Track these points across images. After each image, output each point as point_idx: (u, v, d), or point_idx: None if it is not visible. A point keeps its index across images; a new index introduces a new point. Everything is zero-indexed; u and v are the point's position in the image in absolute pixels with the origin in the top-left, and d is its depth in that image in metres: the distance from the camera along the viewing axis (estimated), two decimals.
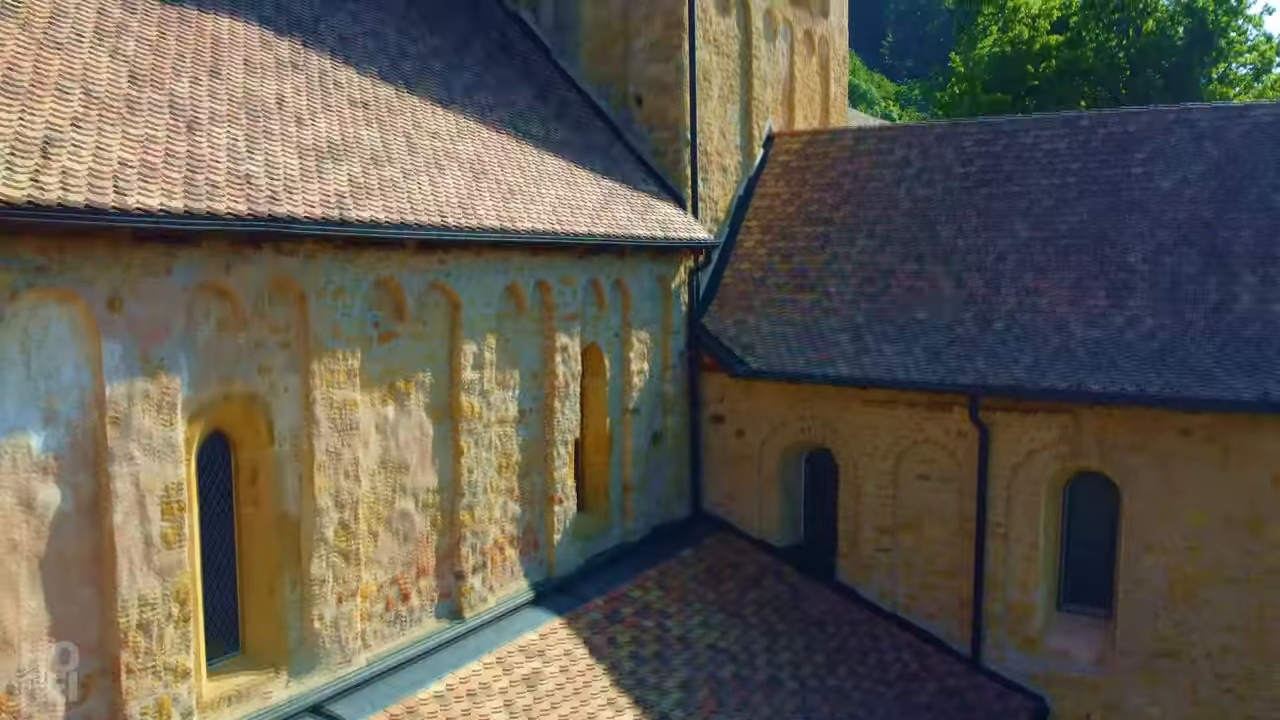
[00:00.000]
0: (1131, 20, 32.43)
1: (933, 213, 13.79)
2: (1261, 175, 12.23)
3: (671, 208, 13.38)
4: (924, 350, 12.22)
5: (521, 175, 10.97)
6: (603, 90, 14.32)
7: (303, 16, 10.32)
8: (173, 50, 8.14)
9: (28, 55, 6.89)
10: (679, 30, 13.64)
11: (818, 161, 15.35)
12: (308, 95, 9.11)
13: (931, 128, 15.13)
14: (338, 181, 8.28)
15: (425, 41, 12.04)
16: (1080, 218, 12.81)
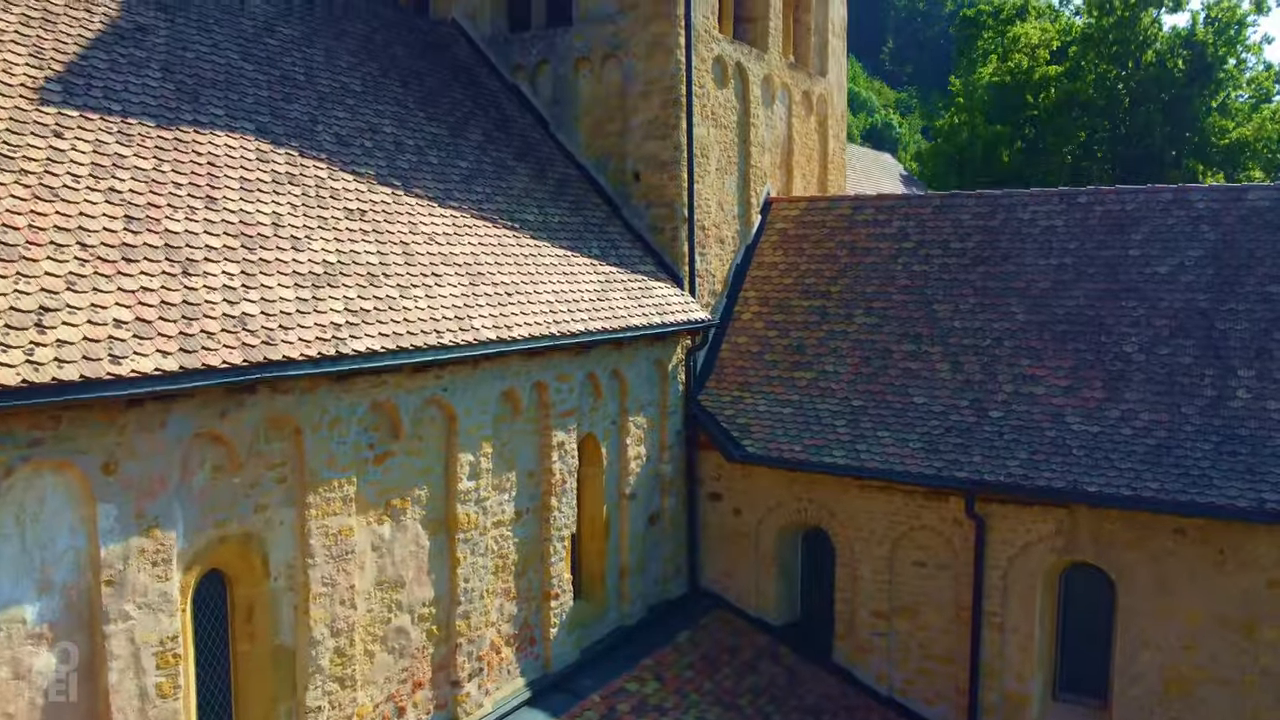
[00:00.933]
0: (1131, 52, 32.46)
1: (930, 289, 13.80)
2: (1259, 263, 12.24)
3: (669, 288, 13.40)
4: (921, 439, 12.22)
5: (518, 271, 10.98)
6: (601, 164, 14.33)
7: (299, 120, 10.32)
8: (169, 181, 8.14)
9: (24, 208, 6.90)
10: (676, 109, 13.65)
11: (815, 230, 15.36)
12: (304, 211, 9.12)
13: (928, 199, 15.14)
14: (333, 309, 8.29)
15: (423, 131, 12.04)
16: (1077, 301, 12.82)
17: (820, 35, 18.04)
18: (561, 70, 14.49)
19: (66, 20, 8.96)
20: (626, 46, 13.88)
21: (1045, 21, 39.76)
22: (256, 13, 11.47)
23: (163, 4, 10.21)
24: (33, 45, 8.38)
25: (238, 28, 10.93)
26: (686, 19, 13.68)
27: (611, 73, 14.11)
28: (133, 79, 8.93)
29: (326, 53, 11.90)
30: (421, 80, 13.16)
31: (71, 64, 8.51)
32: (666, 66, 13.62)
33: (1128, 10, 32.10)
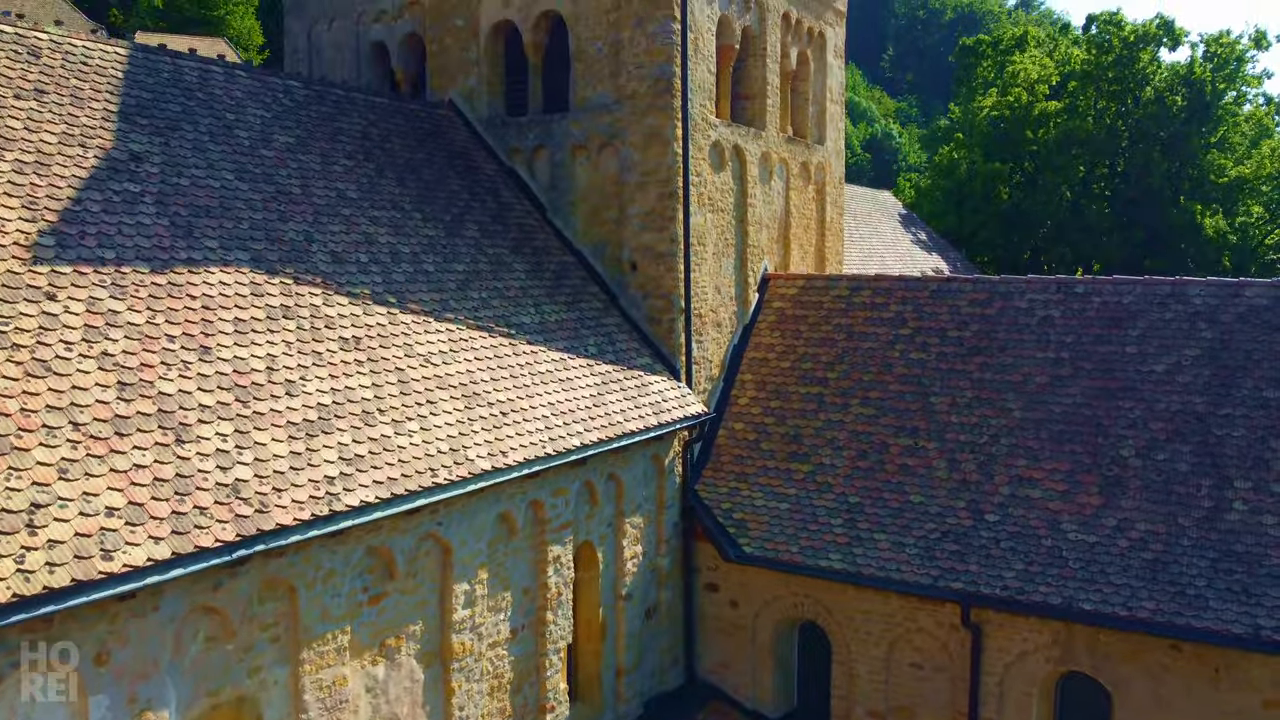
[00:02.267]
0: (1129, 90, 32.47)
1: (927, 379, 13.79)
2: (1256, 365, 12.23)
3: (666, 381, 13.39)
4: (917, 543, 12.21)
5: (514, 385, 10.97)
6: (598, 251, 14.32)
7: (295, 241, 10.31)
8: (162, 335, 8.13)
9: (15, 389, 6.88)
10: (673, 201, 13.64)
11: (813, 311, 15.35)
12: (298, 349, 9.11)
13: (926, 283, 15.12)
14: (326, 461, 8.28)
15: (419, 235, 12.03)
16: (1074, 399, 12.81)
17: (818, 104, 18.04)
18: (558, 157, 14.48)
19: (60, 160, 8.95)
20: (623, 136, 13.87)
21: (1044, 54, 39.77)
22: (253, 121, 11.45)
23: (157, 127, 10.20)
24: (26, 194, 8.37)
25: (233, 142, 10.92)
26: (684, 110, 13.67)
27: (608, 161, 14.10)
28: (126, 219, 8.92)
29: (323, 158, 11.89)
30: (418, 174, 13.15)
31: (65, 211, 8.50)
32: (663, 158, 13.61)
33: (1126, 49, 32.09)
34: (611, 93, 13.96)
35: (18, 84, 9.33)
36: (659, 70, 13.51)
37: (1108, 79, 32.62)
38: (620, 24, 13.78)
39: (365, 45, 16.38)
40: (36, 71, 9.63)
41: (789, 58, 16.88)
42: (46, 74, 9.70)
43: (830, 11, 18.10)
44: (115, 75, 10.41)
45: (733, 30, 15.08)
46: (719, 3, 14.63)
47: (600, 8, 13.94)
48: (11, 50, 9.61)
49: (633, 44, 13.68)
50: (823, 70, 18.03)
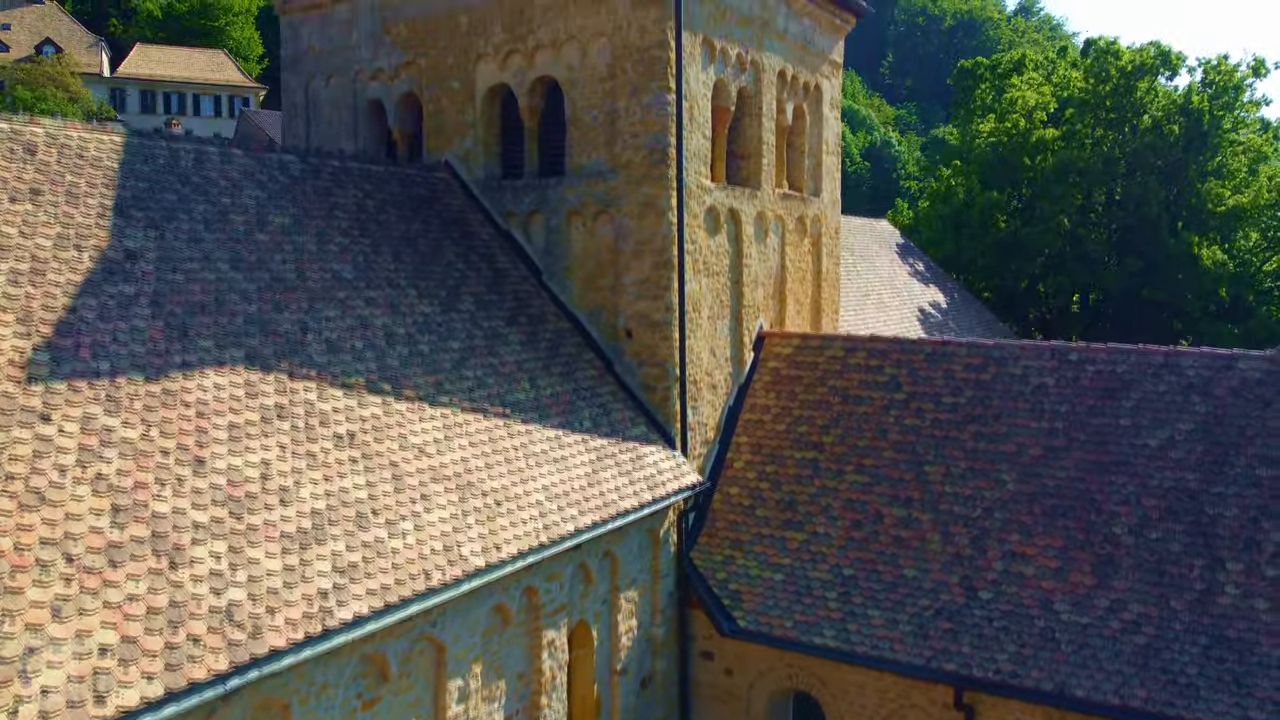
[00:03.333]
0: (1127, 118, 32.54)
1: (920, 447, 13.82)
2: (1249, 442, 12.27)
3: (661, 451, 13.43)
4: (910, 620, 12.25)
5: (508, 470, 11.00)
6: (593, 317, 14.36)
7: (290, 333, 10.35)
8: (156, 450, 8.17)
9: (9, 524, 6.92)
10: (668, 270, 13.68)
11: (808, 372, 15.39)
12: (293, 451, 9.15)
13: (920, 346, 15.14)
14: (320, 573, 8.31)
15: (415, 313, 12.07)
16: (1068, 472, 12.85)
17: (814, 157, 18.08)
18: (554, 222, 14.52)
19: (55, 265, 9.00)
20: (619, 204, 13.91)
21: (1041, 77, 39.81)
22: (248, 204, 11.50)
23: (152, 219, 10.25)
24: (21, 307, 8.41)
25: (228, 228, 10.96)
26: (679, 180, 13.71)
27: (604, 228, 14.14)
28: (121, 324, 8.96)
29: (318, 237, 11.93)
30: (414, 245, 13.19)
31: (60, 323, 8.54)
32: (658, 228, 13.65)
33: (1124, 78, 32.13)
34: (607, 160, 14.00)
35: (14, 185, 9.37)
36: (654, 141, 13.55)
37: (1105, 107, 32.67)
38: (616, 93, 13.82)
39: (362, 103, 16.43)
40: (32, 170, 9.67)
41: (784, 113, 16.92)
42: (42, 171, 9.75)
43: (826, 64, 18.14)
44: (111, 166, 10.45)
45: (728, 93, 15.12)
46: (715, 67, 14.68)
47: (595, 76, 13.98)
48: (7, 148, 9.66)
49: (628, 113, 13.72)
50: (818, 122, 18.07)
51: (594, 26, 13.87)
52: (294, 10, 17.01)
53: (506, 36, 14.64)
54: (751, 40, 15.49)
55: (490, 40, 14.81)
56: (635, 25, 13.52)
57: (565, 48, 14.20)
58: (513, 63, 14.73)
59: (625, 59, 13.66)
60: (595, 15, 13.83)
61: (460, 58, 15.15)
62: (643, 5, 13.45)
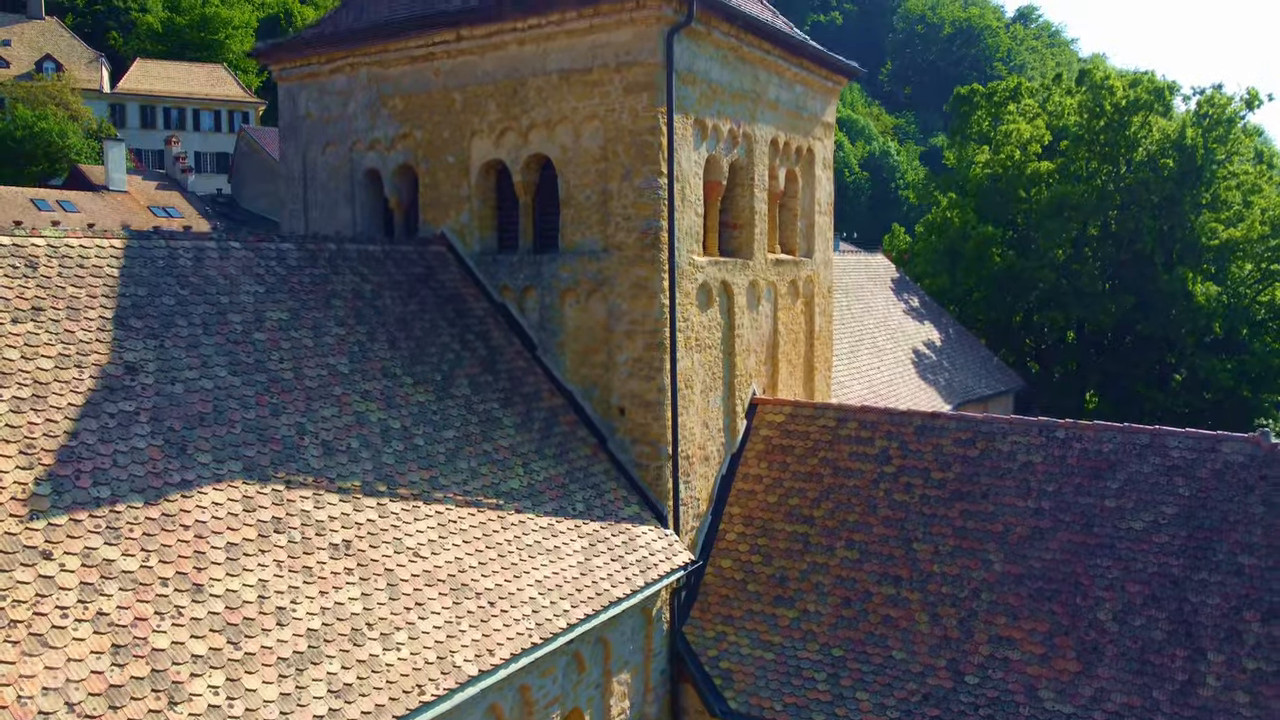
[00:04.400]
0: (1121, 153, 32.76)
1: (909, 524, 14.02)
2: (1231, 529, 12.46)
3: (654, 531, 13.62)
4: (899, 705, 12.44)
5: (502, 566, 11.20)
6: (587, 393, 14.55)
7: (287, 437, 10.55)
8: (155, 580, 8.36)
9: (11, 673, 7.11)
10: (660, 352, 13.87)
11: (800, 442, 15.59)
12: (289, 566, 9.34)
13: (910, 418, 15.33)
14: (315, 696, 8.50)
15: (410, 403, 12.27)
16: (1054, 555, 13.05)
17: (807, 219, 18.28)
18: (548, 299, 14.71)
19: (57, 388, 9.19)
20: (611, 284, 14.10)
21: (1037, 104, 40.02)
22: (246, 301, 11.69)
23: (152, 329, 10.44)
24: (23, 436, 8.60)
25: (226, 330, 11.16)
26: (671, 261, 13.90)
27: (597, 306, 14.33)
28: (121, 446, 9.16)
29: (315, 330, 12.13)
30: (410, 330, 13.39)
31: (61, 449, 8.74)
32: (650, 309, 13.84)
33: (1118, 114, 32.33)
34: (600, 240, 14.20)
35: (15, 304, 9.57)
36: (646, 224, 13.74)
37: (1100, 142, 32.87)
38: (608, 174, 14.01)
39: (359, 172, 16.62)
40: (34, 285, 9.87)
41: (777, 179, 17.12)
42: (44, 286, 9.95)
43: (819, 126, 18.35)
44: (111, 273, 10.65)
45: (721, 168, 15.32)
46: (706, 145, 14.88)
47: (589, 157, 14.17)
48: (9, 265, 9.86)
49: (621, 195, 13.91)
50: (811, 184, 18.27)
51: (587, 109, 14.06)
52: (290, 78, 17.20)
53: (501, 115, 14.84)
54: (744, 114, 15.69)
55: (485, 118, 15.01)
56: (627, 109, 13.71)
57: (559, 128, 14.39)
58: (507, 140, 14.93)
59: (618, 142, 13.85)
60: (588, 98, 14.02)
61: (455, 133, 15.34)
62: (635, 91, 13.64)
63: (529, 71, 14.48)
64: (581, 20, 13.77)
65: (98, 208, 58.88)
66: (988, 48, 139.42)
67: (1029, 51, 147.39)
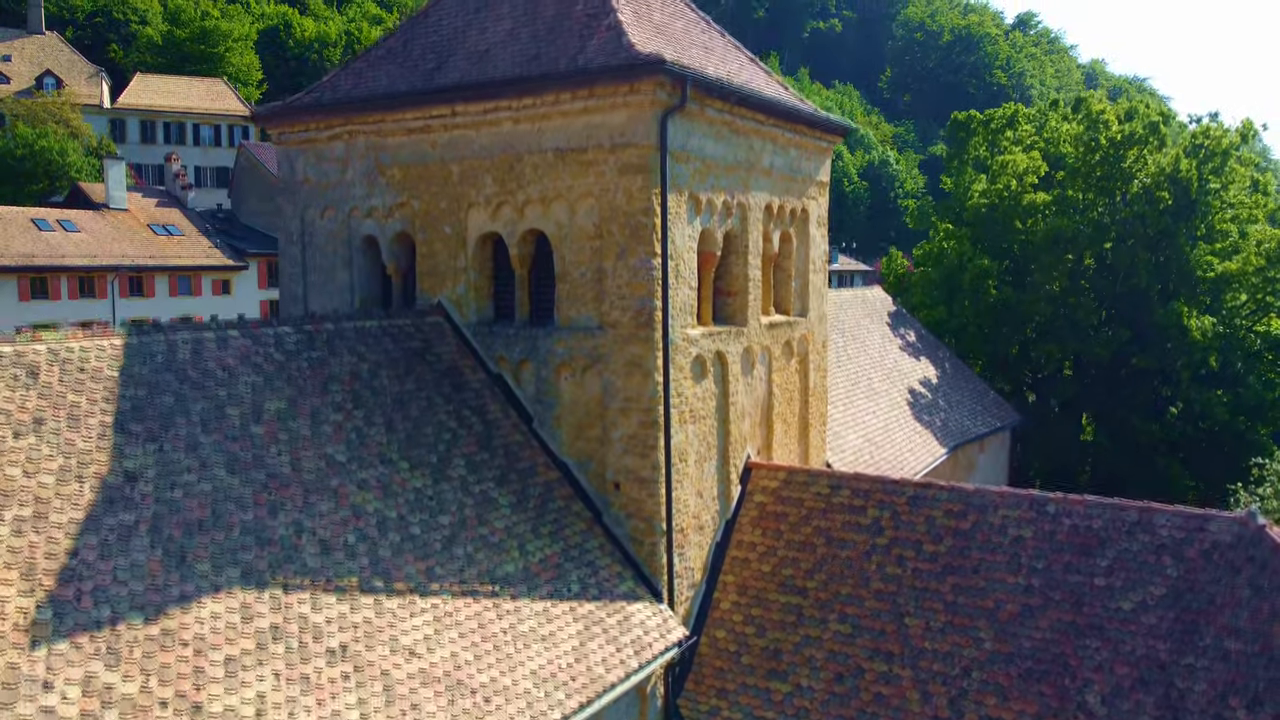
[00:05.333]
0: (1116, 186, 32.92)
1: (901, 599, 14.17)
2: (1219, 611, 12.60)
3: (648, 608, 13.77)
4: None
5: (497, 659, 11.35)
6: (582, 466, 14.69)
7: (284, 538, 10.70)
8: (155, 703, 8.51)
9: None
10: (654, 430, 14.01)
11: (793, 509, 15.74)
12: (286, 678, 9.49)
13: (903, 487, 15.48)
14: None
15: (407, 489, 12.43)
16: (1043, 634, 13.19)
17: (801, 278, 18.43)
18: (544, 373, 14.86)
19: (58, 504, 9.34)
20: (606, 361, 14.25)
21: (1033, 129, 40.20)
22: (244, 393, 11.85)
23: (151, 432, 10.59)
24: (24, 559, 8.76)
25: (225, 427, 11.31)
26: (664, 339, 14.05)
27: (592, 382, 14.48)
28: (121, 561, 9.31)
29: (312, 419, 12.28)
30: (406, 410, 13.54)
31: (63, 570, 8.89)
32: (645, 388, 13.99)
33: (1113, 148, 32.48)
34: (595, 316, 14.34)
35: (17, 417, 9.73)
36: (640, 303, 13.89)
37: (1095, 176, 33.02)
38: (603, 252, 14.16)
39: (357, 238, 16.77)
40: (35, 395, 10.03)
41: (771, 242, 17.28)
42: (45, 396, 10.10)
43: (813, 186, 18.50)
44: (111, 375, 10.81)
45: (715, 239, 15.48)
46: (701, 219, 15.03)
47: (584, 234, 14.32)
48: (11, 375, 10.01)
49: (615, 274, 14.05)
50: (805, 243, 18.42)
51: (581, 187, 14.21)
52: (289, 142, 17.36)
53: (497, 189, 14.99)
54: (737, 184, 15.84)
55: (481, 191, 15.16)
56: (622, 190, 13.86)
57: (554, 204, 14.54)
58: (503, 214, 15.08)
59: (612, 221, 14.00)
60: (583, 177, 14.17)
61: (452, 204, 15.50)
62: (629, 172, 13.79)
63: (524, 148, 14.63)
64: (576, 102, 13.92)
65: (98, 227, 59.06)
66: (987, 55, 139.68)
67: (1028, 59, 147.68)
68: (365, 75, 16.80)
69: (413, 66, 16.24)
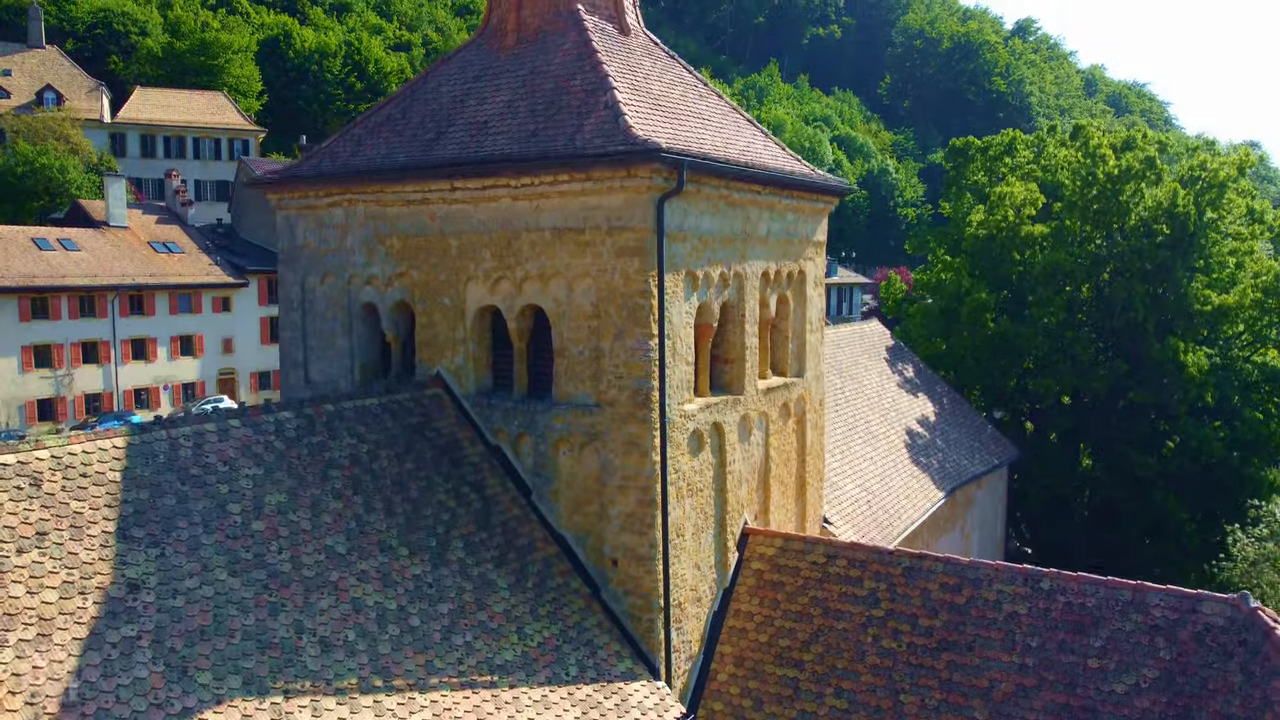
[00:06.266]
0: (1113, 220, 33.05)
1: (897, 675, 14.29)
2: (1210, 696, 12.72)
3: (646, 687, 13.88)
4: None
5: None
6: (580, 540, 14.80)
7: (284, 639, 10.81)
8: None
9: None
10: (652, 509, 14.12)
11: (790, 579, 15.86)
12: None
13: (898, 558, 15.59)
14: None
15: (406, 577, 12.54)
16: (1038, 715, 13.30)
17: (798, 339, 18.54)
18: (542, 447, 14.96)
19: (61, 622, 9.45)
20: (604, 438, 14.35)
21: (1031, 155, 40.33)
22: (245, 487, 11.96)
23: (154, 536, 10.71)
24: (28, 686, 8.86)
25: (226, 525, 11.42)
26: (662, 419, 14.16)
27: (590, 459, 14.58)
28: (123, 680, 9.42)
29: (312, 510, 12.39)
30: (406, 492, 13.66)
31: (65, 693, 8.99)
32: (642, 467, 14.10)
33: (1111, 183, 32.59)
34: (592, 394, 14.45)
35: (20, 531, 9.84)
36: (637, 384, 13.99)
37: (1093, 210, 33.13)
38: (600, 332, 14.26)
39: (357, 305, 16.88)
40: (38, 506, 10.14)
41: (768, 307, 17.39)
42: (48, 506, 10.22)
43: (810, 247, 18.61)
44: (114, 479, 10.92)
45: (712, 311, 15.58)
46: (698, 294, 15.14)
47: (581, 313, 14.42)
48: (14, 487, 10.12)
49: (612, 354, 14.16)
50: (802, 304, 18.53)
51: (579, 267, 14.31)
52: (289, 207, 17.47)
53: (496, 264, 15.09)
54: (734, 256, 15.96)
55: (480, 264, 15.26)
56: (619, 272, 13.97)
57: (552, 282, 14.65)
58: (502, 288, 15.19)
59: (609, 302, 14.10)
60: (580, 256, 14.28)
61: (451, 276, 15.60)
62: (626, 254, 13.90)
63: (522, 225, 14.74)
64: (574, 183, 14.02)
65: (99, 245, 59.15)
66: (986, 62, 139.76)
67: (1027, 65, 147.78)
68: (365, 143, 16.92)
69: (411, 136, 16.35)
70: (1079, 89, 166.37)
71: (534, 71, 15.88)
